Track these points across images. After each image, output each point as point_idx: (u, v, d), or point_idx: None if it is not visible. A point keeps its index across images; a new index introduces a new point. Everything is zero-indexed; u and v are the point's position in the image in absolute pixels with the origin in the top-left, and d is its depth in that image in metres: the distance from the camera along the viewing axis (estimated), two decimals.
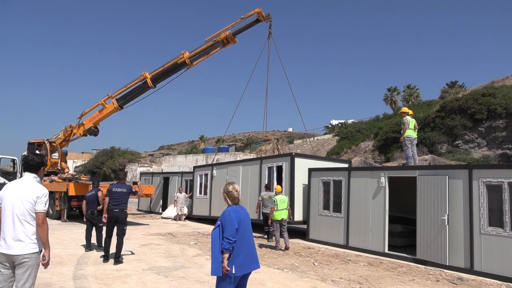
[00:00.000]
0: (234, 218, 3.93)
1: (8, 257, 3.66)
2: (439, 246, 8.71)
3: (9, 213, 3.72)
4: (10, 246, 3.65)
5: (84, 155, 74.87)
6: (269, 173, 14.04)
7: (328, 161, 15.66)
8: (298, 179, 12.95)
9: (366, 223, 10.50)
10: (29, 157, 3.95)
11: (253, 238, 4.18)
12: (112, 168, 51.09)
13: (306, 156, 14.71)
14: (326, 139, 46.27)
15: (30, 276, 3.70)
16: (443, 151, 26.05)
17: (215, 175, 17.07)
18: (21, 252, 3.65)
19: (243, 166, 15.58)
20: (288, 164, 13.20)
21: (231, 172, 16.08)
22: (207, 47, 15.92)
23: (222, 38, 15.50)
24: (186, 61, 16.06)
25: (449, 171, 8.90)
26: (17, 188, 3.79)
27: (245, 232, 4.03)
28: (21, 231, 3.68)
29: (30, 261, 3.68)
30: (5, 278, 3.72)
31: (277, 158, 14.40)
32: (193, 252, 9.75)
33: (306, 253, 10.12)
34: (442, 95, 38.38)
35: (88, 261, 8.28)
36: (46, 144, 19.95)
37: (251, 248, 4.09)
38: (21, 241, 3.66)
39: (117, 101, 17.70)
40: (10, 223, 3.70)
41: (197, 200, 18.12)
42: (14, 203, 3.72)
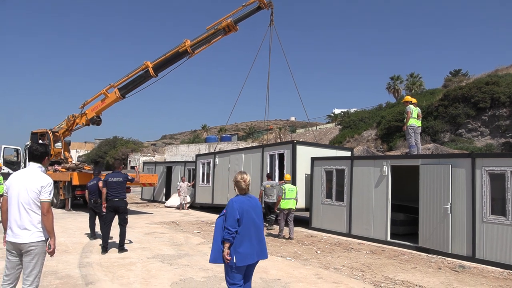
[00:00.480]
0: (236, 209, 3.90)
1: (15, 245, 3.73)
2: (441, 234, 8.75)
3: (15, 202, 3.77)
4: (17, 235, 3.71)
5: (87, 145, 75.12)
6: (271, 161, 14.05)
7: (330, 148, 15.63)
8: (300, 166, 12.96)
9: (368, 211, 10.53)
10: (33, 147, 3.97)
11: (262, 229, 4.11)
12: (115, 157, 51.14)
13: (308, 143, 14.69)
14: (329, 128, 46.21)
15: (37, 263, 3.76)
16: (446, 140, 25.98)
17: (217, 163, 17.12)
18: (28, 240, 3.71)
19: (245, 154, 15.60)
20: (290, 152, 13.20)
21: (233, 160, 16.10)
22: (209, 35, 15.83)
23: (224, 26, 15.39)
24: (188, 50, 15.98)
25: (452, 160, 8.89)
26: (22, 178, 3.83)
27: (251, 222, 3.97)
28: (27, 220, 3.73)
29: (37, 249, 3.74)
30: (13, 266, 3.80)
31: (279, 146, 14.37)
32: (197, 240, 9.84)
33: (309, 241, 10.18)
34: (445, 83, 38.10)
35: (93, 249, 8.37)
36: (49, 134, 20.01)
37: (257, 239, 4.02)
38: (27, 230, 3.72)
39: (119, 91, 17.69)
40: (16, 212, 3.75)
41: (200, 188, 18.21)
42: (19, 192, 3.77)
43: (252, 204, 4.07)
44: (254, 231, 3.99)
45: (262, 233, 4.12)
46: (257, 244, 4.01)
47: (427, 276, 6.88)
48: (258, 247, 4.03)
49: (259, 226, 4.08)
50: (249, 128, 76.35)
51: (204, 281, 6.07)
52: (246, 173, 4.18)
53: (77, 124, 19.74)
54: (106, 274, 6.35)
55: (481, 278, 6.89)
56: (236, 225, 3.86)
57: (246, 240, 3.90)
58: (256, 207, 4.10)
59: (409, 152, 11.31)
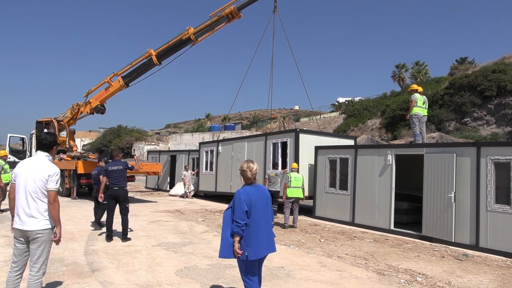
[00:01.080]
0: (243, 200, 3.75)
1: (22, 232, 3.79)
2: (445, 223, 8.75)
3: (22, 190, 3.82)
4: (24, 222, 3.77)
5: (92, 134, 75.44)
6: (274, 149, 14.05)
7: (333, 137, 15.60)
8: (302, 155, 12.96)
9: (372, 200, 10.55)
10: (42, 135, 4.01)
11: (270, 220, 3.99)
12: (119, 146, 51.47)
13: (311, 132, 14.63)
14: (333, 117, 46.05)
15: (44, 251, 3.82)
16: (451, 129, 25.84)
17: (220, 151, 17.18)
18: (35, 228, 3.76)
19: (248, 142, 15.61)
20: (293, 140, 13.17)
21: (236, 148, 16.13)
22: (212, 22, 15.70)
23: (227, 13, 15.26)
24: (191, 37, 15.89)
25: (457, 149, 8.85)
26: (30, 166, 3.87)
27: (259, 214, 3.81)
28: (34, 207, 3.78)
29: (44, 237, 3.80)
30: (20, 253, 3.86)
31: (282, 134, 14.34)
32: (201, 228, 9.91)
33: (313, 229, 10.23)
34: (451, 71, 37.70)
35: (99, 237, 8.47)
36: (54, 122, 20.09)
37: (266, 230, 3.89)
38: (34, 218, 3.77)
39: (123, 79, 17.66)
40: (24, 200, 3.80)
41: (203, 176, 18.30)
42: (27, 180, 3.81)
43: (260, 194, 3.90)
44: (263, 223, 3.84)
45: (270, 225, 3.99)
46: (266, 236, 3.87)
47: (430, 265, 6.91)
48: (267, 240, 3.89)
49: (268, 218, 3.94)
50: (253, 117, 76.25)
51: (209, 269, 6.13)
52: (252, 161, 4.01)
53: (82, 112, 19.78)
54: (112, 262, 6.43)
55: (484, 267, 6.91)
56: (245, 217, 3.72)
57: (255, 232, 3.76)
58: (264, 197, 3.94)
59: (413, 141, 11.26)
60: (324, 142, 13.43)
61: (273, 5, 15.70)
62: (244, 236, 3.74)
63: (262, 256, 3.83)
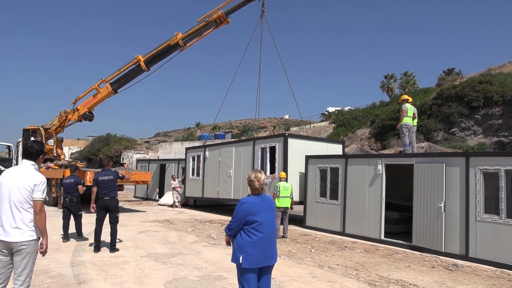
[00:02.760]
0: (243, 211, 3.75)
1: (6, 244, 3.66)
2: (435, 233, 8.78)
3: (6, 200, 3.70)
4: (8, 233, 3.64)
5: (80, 142, 74.58)
6: (262, 154, 13.90)
7: (322, 142, 15.49)
8: (291, 160, 12.86)
9: (362, 210, 10.55)
10: (29, 144, 3.89)
11: (274, 230, 3.94)
12: (108, 155, 50.89)
13: (299, 136, 14.48)
14: (323, 126, 46.31)
15: (28, 263, 3.69)
16: (439, 139, 26.15)
17: (207, 157, 16.98)
18: (19, 239, 3.64)
19: (236, 148, 15.45)
20: (282, 145, 13.07)
21: (223, 154, 15.94)
22: (200, 27, 15.70)
23: (215, 18, 15.26)
24: (179, 43, 15.86)
25: (447, 159, 8.92)
26: (15, 175, 3.76)
27: (263, 225, 3.78)
28: (18, 218, 3.66)
29: (28, 248, 3.67)
30: (3, 265, 3.72)
31: (270, 139, 14.18)
32: (191, 239, 9.78)
33: (303, 239, 10.18)
34: (439, 82, 38.32)
35: (86, 248, 8.29)
36: (41, 130, 19.79)
37: (269, 242, 3.82)
38: (19, 229, 3.65)
39: (111, 85, 17.53)
40: (8, 210, 3.68)
41: (190, 181, 18.10)
42: (11, 190, 3.70)
43: (266, 204, 3.88)
44: (266, 234, 3.79)
45: (274, 236, 3.96)
46: (269, 247, 3.82)
47: (420, 275, 6.91)
48: (270, 251, 3.84)
49: (272, 229, 3.89)
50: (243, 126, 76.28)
51: (198, 280, 6.02)
52: (260, 171, 3.96)
53: (70, 120, 19.54)
54: (99, 273, 6.28)
55: (474, 277, 6.92)
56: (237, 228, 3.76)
57: (257, 243, 3.72)
58: (269, 208, 3.90)
59: (403, 150, 11.34)
60: (313, 147, 13.44)
61: (261, 9, 15.77)
62: (245, 244, 3.72)
63: (258, 266, 3.74)
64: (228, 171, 15.34)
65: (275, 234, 4.01)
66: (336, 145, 15.26)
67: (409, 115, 11.18)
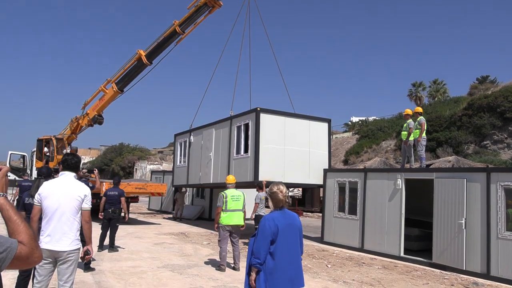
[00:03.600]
0: (267, 229, 3.53)
1: (52, 252, 4.07)
2: (455, 250, 9.11)
3: (56, 210, 4.11)
4: (57, 242, 4.06)
5: (92, 152, 76.61)
6: (238, 133, 13.73)
7: (302, 118, 14.06)
8: (264, 138, 12.65)
9: (382, 226, 10.95)
10: (68, 157, 4.42)
11: (299, 252, 3.77)
12: (121, 165, 52.29)
13: (275, 112, 13.48)
14: (346, 137, 46.45)
15: (74, 270, 4.21)
16: (470, 152, 26.14)
17: (192, 141, 17.21)
18: (67, 248, 4.08)
19: (216, 130, 15.43)
20: (254, 122, 12.77)
21: (205, 137, 16.06)
22: (191, 13, 16.57)
23: (204, 1, 16.04)
24: (177, 30, 16.76)
25: (467, 174, 9.28)
26: (62, 186, 4.23)
27: (286, 244, 3.59)
28: (67, 227, 4.11)
29: (74, 256, 4.16)
30: (46, 273, 4.15)
31: (244, 116, 13.69)
32: (206, 251, 10.39)
33: (320, 255, 10.63)
34: (471, 91, 38.18)
35: (104, 257, 8.99)
36: (53, 140, 20.92)
37: (293, 263, 3.63)
38: (67, 238, 4.10)
39: (116, 85, 18.51)
40: (57, 220, 4.10)
41: (177, 169, 18.55)
42: (61, 200, 4.13)
43: (289, 222, 3.68)
44: (289, 256, 3.62)
45: (299, 256, 3.76)
46: (293, 270, 3.65)
47: None
48: (294, 273, 3.65)
49: (296, 249, 3.71)
50: None
51: None
52: (282, 183, 3.82)
53: (81, 126, 20.64)
54: (119, 281, 6.94)
55: None
56: (266, 250, 3.51)
57: (279, 266, 3.52)
58: (294, 226, 3.71)
59: (421, 164, 11.73)
60: (293, 124, 13.36)
61: None
62: (267, 268, 3.51)
63: None
64: (208, 154, 15.41)
65: (300, 254, 3.79)
66: (320, 123, 14.38)
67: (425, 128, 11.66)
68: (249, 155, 12.91)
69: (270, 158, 12.83)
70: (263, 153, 12.67)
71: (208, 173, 15.49)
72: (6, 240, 1.64)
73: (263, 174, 12.60)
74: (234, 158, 13.84)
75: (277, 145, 12.98)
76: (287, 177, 13.06)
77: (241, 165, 13.21)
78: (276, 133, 12.91)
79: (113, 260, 8.72)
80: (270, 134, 12.86)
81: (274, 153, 13.02)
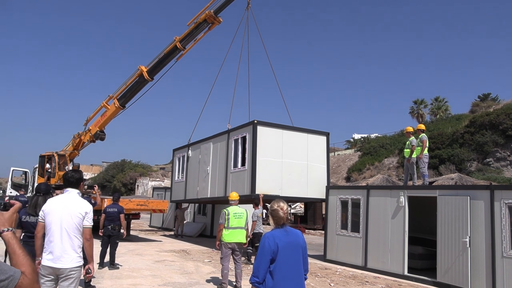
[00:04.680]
0: (267, 248, 3.45)
1: (54, 270, 4.05)
2: (460, 269, 9.01)
3: (57, 228, 4.11)
4: (58, 260, 4.04)
5: (94, 168, 76.65)
6: (235, 146, 13.71)
7: (300, 132, 14.00)
8: (262, 151, 12.58)
9: (385, 243, 10.85)
10: (68, 174, 4.43)
11: (301, 270, 3.64)
12: (122, 182, 52.22)
13: (272, 124, 13.38)
14: (348, 154, 46.41)
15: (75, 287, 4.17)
16: (473, 169, 26.05)
17: (190, 156, 17.19)
18: (69, 265, 4.06)
19: (214, 143, 15.45)
20: (251, 135, 12.74)
21: (203, 151, 16.02)
22: (191, 30, 16.78)
23: (203, 18, 16.27)
24: (178, 45, 16.95)
25: (471, 192, 9.24)
26: (64, 203, 4.22)
27: (287, 262, 3.49)
28: (68, 245, 4.08)
29: (76, 274, 4.12)
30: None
31: (242, 129, 13.64)
32: (208, 269, 10.28)
33: (323, 273, 10.51)
34: (472, 108, 38.31)
35: (105, 275, 8.91)
36: (54, 157, 21.00)
37: (294, 282, 3.53)
38: (69, 255, 4.07)
39: (118, 101, 18.67)
40: (58, 237, 4.08)
41: (175, 184, 18.47)
42: (62, 217, 4.13)
43: (290, 240, 3.57)
44: (291, 276, 3.52)
45: (301, 275, 3.63)
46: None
47: None
48: None
49: (298, 267, 3.59)
50: None
51: None
52: (283, 201, 3.73)
53: (83, 142, 20.74)
54: None
55: None
56: (265, 269, 3.44)
57: (280, 284, 3.45)
58: (295, 244, 3.60)
59: (424, 182, 11.69)
60: (291, 138, 13.35)
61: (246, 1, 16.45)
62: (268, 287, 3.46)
63: None
64: (206, 168, 15.33)
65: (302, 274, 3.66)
66: (318, 136, 14.29)
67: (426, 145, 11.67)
68: (246, 168, 12.84)
69: (267, 171, 12.76)
70: (260, 166, 12.60)
71: (205, 188, 15.41)
72: (9, 269, 1.68)
73: (260, 188, 12.49)
74: (231, 171, 13.77)
75: (274, 158, 12.94)
76: (284, 190, 12.94)
77: (238, 178, 13.12)
78: (274, 146, 12.88)
79: (114, 278, 8.63)
80: (268, 147, 12.83)
81: (272, 166, 12.94)
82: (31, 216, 5.12)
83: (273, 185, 12.79)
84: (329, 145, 14.78)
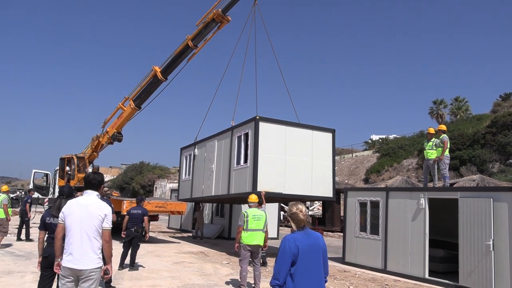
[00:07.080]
0: (287, 250, 3.44)
1: (74, 271, 4.12)
2: (483, 273, 8.80)
3: (77, 229, 4.17)
4: (78, 261, 4.11)
5: (113, 170, 77.85)
6: (238, 143, 13.46)
7: (305, 128, 13.63)
8: (264, 148, 12.37)
9: (405, 246, 10.68)
10: (90, 176, 4.48)
11: (321, 273, 3.62)
12: (141, 184, 52.86)
13: (275, 121, 13.09)
14: (366, 155, 45.95)
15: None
16: (495, 171, 25.47)
17: (196, 154, 17.11)
18: (89, 266, 4.12)
19: (218, 141, 15.24)
20: (253, 131, 12.49)
21: (208, 149, 15.89)
22: (201, 29, 16.95)
23: (211, 17, 16.40)
24: (189, 44, 17.18)
25: (494, 193, 9.02)
26: (84, 205, 4.28)
27: (308, 265, 3.48)
28: (88, 246, 4.15)
29: (96, 275, 4.18)
30: None
31: (244, 125, 13.37)
32: (226, 271, 10.31)
33: (342, 276, 10.42)
34: (494, 108, 37.48)
35: (125, 276, 9.02)
36: (74, 159, 21.45)
37: (315, 285, 3.51)
38: (89, 256, 4.13)
39: (133, 102, 18.94)
40: (78, 238, 4.15)
41: (182, 183, 18.48)
42: (82, 219, 4.19)
43: (311, 242, 3.55)
44: (311, 276, 3.50)
45: (322, 277, 3.61)
46: None
47: None
48: None
49: (319, 270, 3.58)
50: None
51: None
52: (300, 203, 3.70)
53: (102, 144, 21.15)
54: None
55: None
56: (285, 273, 3.42)
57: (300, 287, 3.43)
58: (316, 246, 3.58)
59: (445, 183, 11.49)
60: (294, 134, 13.04)
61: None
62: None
63: None
64: (211, 166, 15.19)
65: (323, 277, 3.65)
66: (323, 133, 13.89)
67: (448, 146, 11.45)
68: (248, 165, 12.61)
69: (269, 168, 12.46)
70: (262, 163, 12.30)
71: (210, 186, 15.24)
72: None
73: (262, 185, 12.20)
74: (234, 169, 13.59)
75: (277, 155, 12.64)
76: (287, 188, 12.66)
77: (241, 176, 12.92)
78: (277, 143, 12.60)
79: (133, 279, 8.73)
80: (270, 143, 12.55)
81: (274, 163, 12.63)
82: (55, 218, 5.20)
83: (276, 182, 12.50)
84: (335, 142, 14.26)
